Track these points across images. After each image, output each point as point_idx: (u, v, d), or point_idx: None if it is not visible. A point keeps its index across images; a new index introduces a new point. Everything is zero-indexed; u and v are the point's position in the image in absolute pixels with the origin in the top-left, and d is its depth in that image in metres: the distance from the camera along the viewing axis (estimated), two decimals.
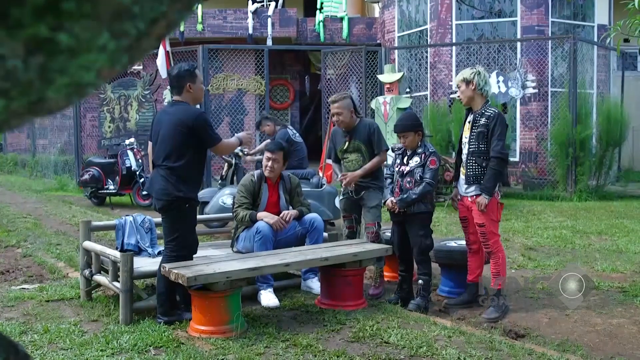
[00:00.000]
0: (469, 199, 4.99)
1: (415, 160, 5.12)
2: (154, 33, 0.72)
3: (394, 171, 5.26)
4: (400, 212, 5.11)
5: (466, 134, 5.04)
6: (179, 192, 4.51)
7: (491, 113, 4.89)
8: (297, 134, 8.72)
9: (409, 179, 5.10)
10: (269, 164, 5.43)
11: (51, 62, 0.67)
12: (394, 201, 5.09)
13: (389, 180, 5.29)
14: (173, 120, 4.57)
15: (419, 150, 5.14)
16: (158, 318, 4.58)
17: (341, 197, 5.69)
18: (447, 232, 7.99)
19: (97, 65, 0.70)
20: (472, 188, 4.97)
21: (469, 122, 5.02)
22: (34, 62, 0.66)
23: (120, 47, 0.70)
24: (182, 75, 4.61)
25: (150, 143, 4.87)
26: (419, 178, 5.06)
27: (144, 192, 10.59)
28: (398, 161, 5.23)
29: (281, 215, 5.32)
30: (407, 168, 5.13)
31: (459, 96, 5.10)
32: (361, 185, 5.46)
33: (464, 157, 5.04)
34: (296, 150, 8.44)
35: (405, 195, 5.05)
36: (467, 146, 5.00)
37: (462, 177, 5.08)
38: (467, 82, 4.95)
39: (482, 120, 4.89)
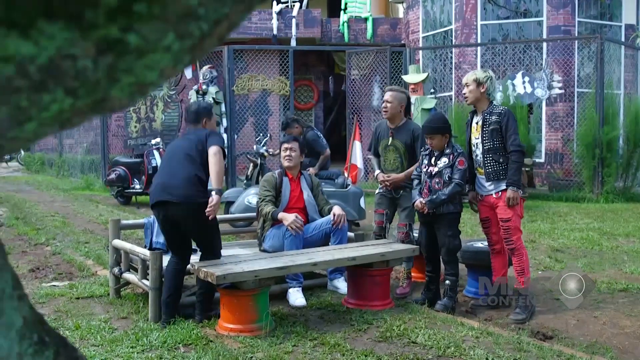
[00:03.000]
0: (494, 195, 4.99)
1: (444, 160, 5.11)
2: (216, 34, 0.74)
3: (421, 172, 5.26)
4: (429, 213, 5.10)
5: (476, 134, 5.08)
6: (204, 197, 4.58)
7: (501, 110, 5.00)
8: (321, 135, 8.77)
9: (437, 180, 5.10)
10: (287, 153, 5.63)
11: (119, 62, 0.68)
12: (423, 202, 5.09)
13: (416, 181, 5.28)
14: (194, 139, 4.71)
15: (447, 151, 5.13)
16: (197, 316, 4.65)
17: (378, 191, 5.75)
18: (472, 233, 7.95)
19: (161, 65, 0.72)
20: (494, 185, 4.97)
21: (477, 123, 5.05)
22: (103, 62, 0.67)
23: (184, 47, 0.71)
24: (200, 113, 4.91)
25: None
26: (447, 179, 5.05)
27: None
28: (426, 162, 5.22)
29: (336, 217, 5.38)
30: (436, 169, 5.12)
31: (464, 94, 5.10)
32: (400, 184, 5.55)
33: (478, 157, 5.05)
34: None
35: (434, 196, 5.04)
36: (480, 146, 5.02)
37: (480, 176, 5.08)
38: (479, 83, 4.98)
39: (494, 118, 4.95)
